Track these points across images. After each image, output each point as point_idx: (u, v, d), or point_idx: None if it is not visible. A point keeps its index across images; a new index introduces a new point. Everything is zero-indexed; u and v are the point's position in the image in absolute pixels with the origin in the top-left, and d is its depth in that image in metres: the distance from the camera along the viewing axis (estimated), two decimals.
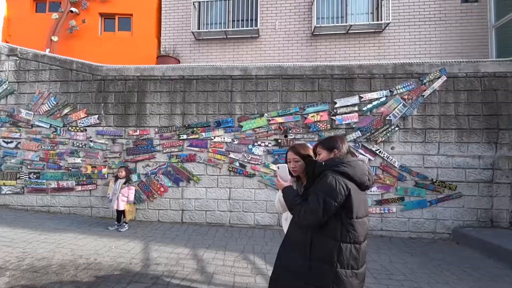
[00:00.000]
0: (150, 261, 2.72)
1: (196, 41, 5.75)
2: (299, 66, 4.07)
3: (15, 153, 4.38)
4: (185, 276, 2.44)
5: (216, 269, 2.61)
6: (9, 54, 4.47)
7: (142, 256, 2.84)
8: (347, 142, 3.58)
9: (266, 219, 4.06)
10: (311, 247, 1.24)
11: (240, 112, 4.12)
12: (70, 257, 2.73)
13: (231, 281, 2.38)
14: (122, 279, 2.33)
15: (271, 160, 4.05)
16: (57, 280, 2.25)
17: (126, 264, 2.61)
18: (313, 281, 1.20)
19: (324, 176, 1.23)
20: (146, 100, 4.24)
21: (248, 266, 2.72)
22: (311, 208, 1.19)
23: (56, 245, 3.02)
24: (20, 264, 2.49)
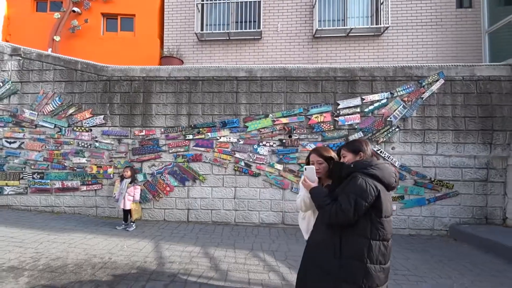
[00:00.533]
0: (164, 260, 2.78)
1: (199, 42, 5.79)
2: (303, 68, 4.17)
3: (18, 153, 4.35)
4: (201, 273, 2.51)
5: (229, 266, 2.70)
6: (12, 53, 4.43)
7: (155, 255, 2.89)
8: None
9: (270, 218, 4.15)
10: (340, 245, 1.33)
11: (246, 112, 4.20)
12: (84, 256, 2.77)
13: (246, 278, 2.47)
14: (140, 277, 2.39)
15: (275, 159, 4.15)
16: (76, 280, 2.29)
17: (141, 263, 2.67)
18: (343, 278, 1.29)
19: (354, 177, 1.33)
20: (152, 101, 4.28)
21: (259, 263, 2.81)
22: (343, 208, 1.28)
23: (67, 245, 3.05)
24: (36, 264, 2.52)
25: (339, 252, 1.33)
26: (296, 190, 4.11)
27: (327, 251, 1.39)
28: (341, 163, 1.48)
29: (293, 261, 2.90)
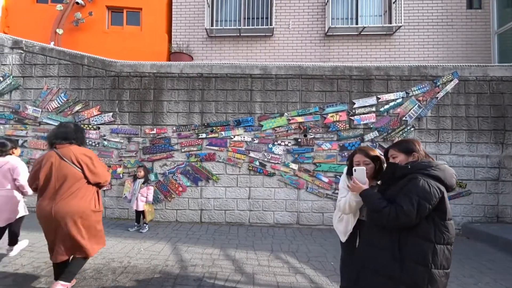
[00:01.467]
0: (186, 263, 2.69)
1: (208, 38, 5.63)
2: (318, 66, 4.11)
3: (21, 152, 4.14)
4: (226, 277, 2.44)
5: (254, 269, 2.63)
6: (13, 46, 4.19)
7: (175, 258, 2.80)
8: (365, 142, 3.52)
9: (285, 218, 4.11)
10: (399, 247, 1.29)
11: (260, 111, 4.12)
12: (102, 260, 2.65)
13: (274, 281, 2.41)
14: (164, 282, 2.30)
15: (290, 159, 4.10)
16: (98, 285, 2.19)
17: (162, 267, 2.58)
18: (404, 281, 1.26)
19: (414, 179, 1.28)
20: (163, 98, 4.14)
21: (283, 265, 2.76)
22: (405, 210, 1.24)
23: None
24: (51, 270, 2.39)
25: (398, 255, 1.30)
26: (311, 189, 4.08)
27: (383, 254, 1.35)
28: (394, 163, 1.44)
29: (317, 262, 2.88)
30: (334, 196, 4.07)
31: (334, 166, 4.07)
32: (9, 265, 2.43)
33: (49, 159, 1.91)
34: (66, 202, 1.85)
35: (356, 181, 1.55)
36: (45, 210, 1.84)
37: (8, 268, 2.38)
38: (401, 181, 1.37)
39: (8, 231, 2.62)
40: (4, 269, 2.36)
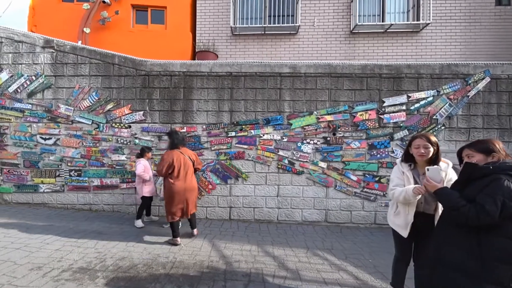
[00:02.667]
0: (229, 259, 2.76)
1: (232, 36, 5.62)
2: (348, 65, 4.10)
3: (54, 150, 4.23)
4: (273, 273, 2.50)
5: (296, 265, 2.69)
6: (45, 46, 4.25)
7: (217, 254, 2.87)
8: (394, 140, 3.42)
9: (313, 216, 4.15)
10: (480, 246, 1.31)
11: (289, 109, 4.13)
12: (148, 255, 2.73)
13: (320, 277, 2.46)
14: (215, 277, 2.36)
15: (319, 157, 4.12)
16: (153, 280, 2.26)
17: (208, 262, 2.64)
18: (486, 279, 1.28)
19: (498, 179, 1.30)
20: (192, 97, 4.17)
21: (324, 262, 2.81)
22: (488, 210, 1.26)
23: (124, 244, 2.99)
24: (105, 265, 2.47)
25: (479, 253, 1.32)
26: (340, 188, 4.11)
27: (460, 252, 1.37)
28: (474, 164, 1.45)
29: (355, 259, 2.92)
30: (362, 194, 4.10)
31: (362, 165, 4.08)
32: (62, 260, 2.52)
33: (179, 156, 3.09)
34: (190, 181, 3.15)
35: (430, 180, 1.57)
36: (181, 186, 3.05)
37: (63, 263, 2.47)
38: (479, 181, 1.38)
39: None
40: (59, 264, 2.45)
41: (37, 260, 2.48)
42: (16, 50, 4.29)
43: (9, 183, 4.27)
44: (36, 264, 2.41)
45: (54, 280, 2.16)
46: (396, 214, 1.94)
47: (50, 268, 2.35)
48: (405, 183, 1.82)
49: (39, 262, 2.46)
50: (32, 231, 3.20)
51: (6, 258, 2.48)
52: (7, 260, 2.44)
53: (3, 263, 2.38)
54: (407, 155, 1.89)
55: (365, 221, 4.12)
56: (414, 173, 1.84)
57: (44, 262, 2.46)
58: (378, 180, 4.07)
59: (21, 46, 4.29)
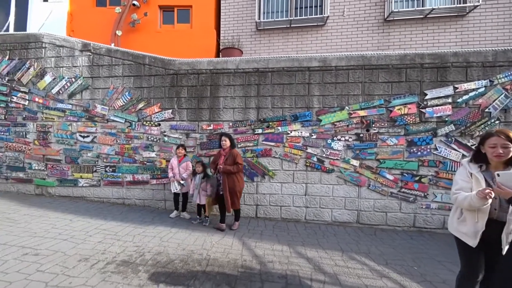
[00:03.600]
0: (261, 259, 2.71)
1: (257, 31, 5.54)
2: (384, 55, 3.79)
3: (91, 147, 4.51)
4: (309, 276, 2.40)
5: (333, 269, 2.55)
6: (82, 49, 4.52)
7: (249, 253, 2.83)
8: (438, 136, 3.03)
9: (344, 216, 3.95)
10: None
11: (319, 105, 3.95)
12: (183, 252, 2.77)
13: (362, 284, 2.31)
14: (251, 277, 2.32)
15: (351, 155, 3.89)
16: (191, 276, 2.28)
17: (241, 261, 2.62)
18: None
19: None
20: (219, 94, 4.17)
21: (363, 267, 2.64)
22: None
23: (159, 239, 3.09)
24: (145, 259, 2.55)
25: None
26: (374, 187, 3.85)
27: None
28: None
29: (397, 266, 2.70)
30: (400, 195, 3.80)
31: (400, 163, 3.78)
32: (106, 253, 2.65)
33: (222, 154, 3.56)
34: None
35: (500, 185, 1.35)
36: None
37: (107, 255, 2.60)
38: None
39: None
40: (103, 256, 2.58)
41: (83, 252, 2.64)
42: (57, 54, 4.61)
43: (52, 177, 4.64)
44: (83, 255, 2.56)
45: (101, 272, 2.27)
46: (461, 221, 1.65)
47: (96, 260, 2.48)
48: (473, 186, 1.56)
49: (85, 253, 2.61)
50: (75, 223, 3.43)
51: (57, 248, 2.67)
52: (58, 250, 2.63)
53: (55, 253, 2.56)
54: (478, 155, 1.62)
55: (402, 224, 3.83)
56: (487, 176, 1.56)
57: (90, 254, 2.61)
58: (419, 179, 3.74)
59: (62, 50, 4.60)
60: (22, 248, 2.62)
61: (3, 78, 4.77)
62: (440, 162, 3.70)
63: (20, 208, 3.93)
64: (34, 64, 4.66)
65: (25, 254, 2.51)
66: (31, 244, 2.73)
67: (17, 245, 2.69)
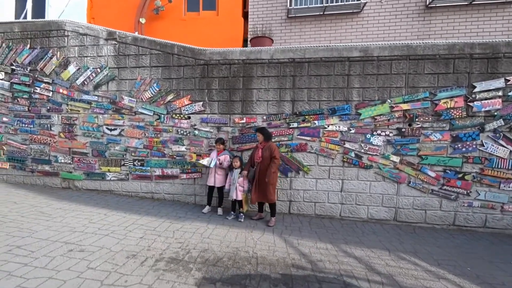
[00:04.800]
0: (309, 257, 2.62)
1: (287, 19, 5.27)
2: (431, 45, 3.57)
3: (119, 140, 4.40)
4: (365, 276, 2.31)
5: (386, 269, 2.46)
6: (108, 38, 4.33)
7: (294, 251, 2.74)
8: (485, 132, 2.85)
9: (381, 213, 3.84)
10: None
11: (358, 98, 3.76)
12: (227, 249, 2.69)
13: (421, 285, 2.21)
14: (307, 277, 2.24)
15: (391, 150, 3.74)
16: (245, 275, 2.20)
17: (290, 260, 2.53)
18: None
19: None
20: (252, 86, 3.99)
21: (416, 267, 2.54)
22: None
23: (199, 235, 3.01)
24: (192, 257, 2.47)
25: None
26: (414, 184, 3.72)
27: None
28: None
29: (450, 266, 2.60)
30: (441, 192, 3.67)
31: (444, 159, 3.62)
32: (151, 249, 2.58)
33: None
34: None
35: None
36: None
37: (153, 252, 2.52)
38: None
39: None
40: (149, 253, 2.50)
41: (128, 248, 2.57)
42: (81, 43, 4.45)
43: (79, 170, 4.57)
44: (129, 251, 2.49)
45: (153, 270, 2.20)
46: None
47: (144, 257, 2.41)
48: None
49: (131, 250, 2.54)
50: (111, 218, 3.36)
51: (100, 244, 2.60)
52: (102, 246, 2.56)
53: (100, 250, 2.49)
54: None
55: (442, 222, 3.71)
56: None
57: (136, 250, 2.54)
58: (462, 177, 3.59)
59: (86, 39, 4.43)
60: (66, 244, 2.56)
61: (25, 68, 4.63)
62: (485, 159, 3.53)
63: (50, 201, 3.88)
64: (56, 53, 4.51)
65: (70, 250, 2.45)
66: (73, 239, 2.67)
67: (60, 240, 2.63)
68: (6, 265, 2.13)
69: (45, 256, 2.30)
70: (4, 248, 2.38)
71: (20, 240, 2.57)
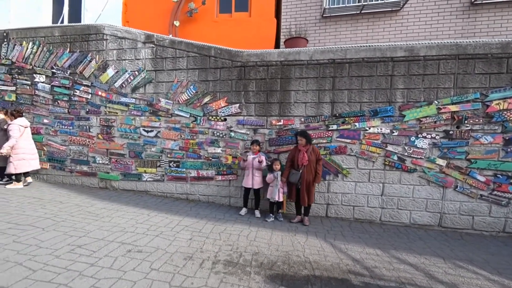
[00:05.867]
0: (363, 263, 2.56)
1: (322, 19, 5.20)
2: (482, 43, 3.40)
3: (155, 142, 4.48)
4: (428, 285, 2.22)
5: (449, 278, 2.36)
6: (145, 41, 4.42)
7: (345, 256, 2.69)
8: None
9: (425, 219, 3.71)
10: None
11: (402, 99, 3.65)
12: (278, 252, 2.67)
13: None
14: (369, 285, 2.18)
15: (437, 154, 3.60)
16: (305, 280, 2.17)
17: (344, 266, 2.48)
18: None
19: None
20: (290, 88, 3.95)
21: (478, 276, 2.43)
22: None
23: (245, 237, 3.00)
24: (246, 260, 2.47)
25: None
26: (462, 189, 3.56)
27: None
28: None
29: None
30: (491, 198, 3.50)
31: (495, 163, 3.45)
32: (204, 251, 2.59)
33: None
34: None
35: None
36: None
37: (207, 254, 2.53)
38: None
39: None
40: (204, 255, 2.52)
41: (182, 250, 2.59)
42: (119, 47, 4.55)
43: (116, 171, 4.68)
44: (184, 253, 2.52)
45: (214, 273, 2.21)
46: None
47: (200, 259, 2.42)
48: None
49: (185, 251, 2.56)
50: (155, 219, 3.42)
51: (155, 245, 2.65)
52: (157, 247, 2.60)
53: (157, 251, 2.53)
54: None
55: (491, 229, 3.54)
56: None
57: (189, 251, 2.56)
58: None
59: (124, 42, 4.53)
60: (122, 244, 2.61)
61: (65, 71, 4.80)
62: None
63: (92, 201, 3.99)
64: (95, 57, 4.64)
65: (129, 251, 2.50)
66: (127, 240, 2.73)
67: (115, 241, 2.69)
68: (74, 265, 2.19)
69: (108, 256, 2.36)
70: (67, 248, 2.46)
71: (78, 239, 2.65)
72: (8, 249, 2.33)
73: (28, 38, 4.98)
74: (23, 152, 4.31)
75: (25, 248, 2.37)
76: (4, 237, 2.57)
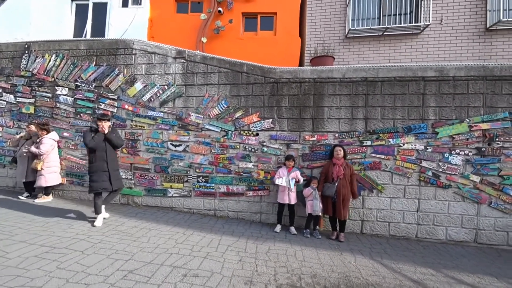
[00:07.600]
0: (423, 284, 2.50)
1: (345, 39, 5.43)
2: (508, 66, 3.62)
3: (183, 156, 4.38)
4: None
5: None
6: (176, 56, 4.44)
7: (402, 277, 2.63)
8: None
9: (461, 235, 3.72)
10: None
11: (435, 117, 3.77)
12: (333, 273, 2.58)
13: None
14: None
15: (470, 170, 3.69)
16: None
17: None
18: None
19: None
20: (323, 104, 4.02)
21: None
22: None
23: (293, 258, 2.90)
24: (309, 283, 2.36)
25: None
26: (496, 205, 3.63)
27: None
28: None
29: None
30: None
31: None
32: (262, 275, 2.47)
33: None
34: None
35: None
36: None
37: (266, 277, 2.41)
38: None
39: None
40: (263, 279, 2.40)
41: (237, 273, 2.46)
42: (149, 61, 4.55)
43: (140, 186, 4.51)
44: (242, 277, 2.39)
45: None
46: None
47: (262, 284, 2.30)
48: None
49: (241, 274, 2.43)
50: (192, 238, 3.25)
51: (207, 268, 2.50)
52: (212, 271, 2.45)
53: (213, 275, 2.38)
54: None
55: None
56: None
57: (246, 275, 2.43)
58: None
59: (154, 57, 4.54)
60: (174, 268, 2.45)
61: (89, 84, 4.72)
62: None
63: (120, 219, 3.79)
64: (123, 71, 4.60)
65: (184, 275, 2.34)
66: (176, 263, 2.56)
67: (165, 264, 2.52)
68: None
69: (166, 282, 2.20)
70: (119, 274, 2.29)
71: (126, 263, 2.48)
72: (55, 277, 2.15)
73: (51, 51, 4.92)
74: (54, 165, 4.21)
75: (73, 276, 2.19)
76: (45, 262, 2.37)
